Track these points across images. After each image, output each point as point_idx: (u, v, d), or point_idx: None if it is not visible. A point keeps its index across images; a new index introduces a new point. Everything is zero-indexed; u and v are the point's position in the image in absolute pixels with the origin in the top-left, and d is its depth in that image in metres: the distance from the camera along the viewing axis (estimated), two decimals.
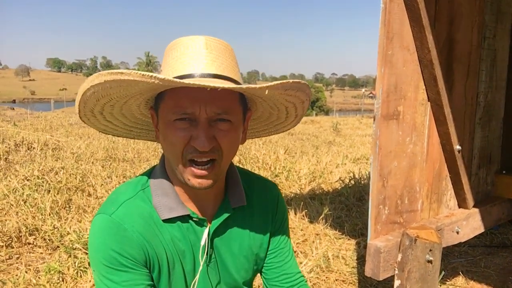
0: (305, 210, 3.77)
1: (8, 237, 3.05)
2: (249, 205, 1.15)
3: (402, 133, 1.87)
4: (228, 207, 1.10)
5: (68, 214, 3.58)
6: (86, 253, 2.82)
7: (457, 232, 2.14)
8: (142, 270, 1.00)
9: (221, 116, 0.94)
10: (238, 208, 1.12)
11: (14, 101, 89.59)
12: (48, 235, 3.13)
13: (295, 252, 3.03)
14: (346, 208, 4.08)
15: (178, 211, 1.03)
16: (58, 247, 3.00)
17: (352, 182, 4.85)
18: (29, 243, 3.07)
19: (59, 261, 2.73)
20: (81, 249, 2.84)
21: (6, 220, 3.23)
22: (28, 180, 4.24)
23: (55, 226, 3.25)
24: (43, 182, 4.17)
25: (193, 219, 1.05)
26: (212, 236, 1.08)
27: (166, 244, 1.03)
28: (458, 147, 2.09)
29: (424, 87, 1.95)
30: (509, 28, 2.49)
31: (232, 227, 1.12)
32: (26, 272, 2.62)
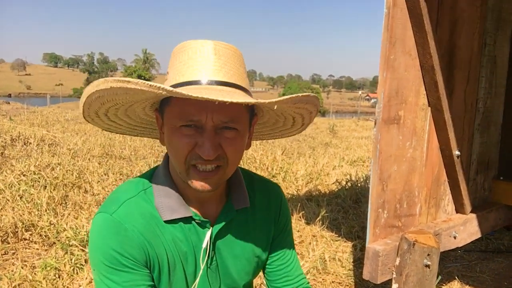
0: (302, 212, 3.78)
1: (4, 233, 3.04)
2: (252, 207, 1.15)
3: (403, 138, 1.88)
4: (231, 209, 1.09)
5: (65, 211, 3.57)
6: (83, 250, 2.81)
7: (454, 237, 2.16)
8: (143, 271, 1.00)
9: (228, 124, 0.93)
10: (241, 210, 1.12)
11: (10, 95, 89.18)
12: (45, 231, 3.12)
13: None
14: (343, 210, 4.09)
15: (181, 213, 1.02)
16: (55, 244, 2.99)
17: (349, 185, 4.87)
18: (25, 239, 3.06)
19: (56, 258, 2.72)
20: (78, 246, 2.84)
21: (2, 216, 3.22)
22: (25, 176, 4.23)
23: (52, 222, 3.24)
24: (40, 178, 4.16)
25: (196, 221, 1.05)
26: (215, 238, 1.07)
27: (167, 245, 1.02)
28: (457, 153, 2.11)
29: (425, 92, 1.97)
30: (509, 35, 2.51)
31: (235, 229, 1.11)
32: (22, 268, 2.61)
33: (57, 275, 2.56)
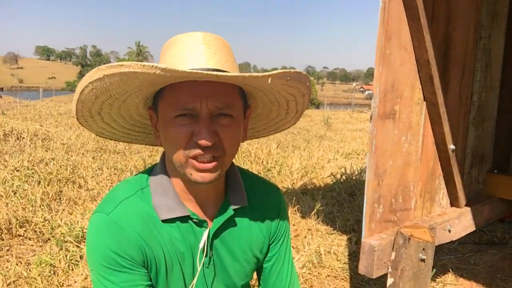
0: (297, 205, 3.78)
1: None
2: (250, 207, 1.14)
3: (398, 132, 1.88)
4: (229, 208, 1.08)
5: (59, 206, 3.55)
6: (78, 246, 2.80)
7: (449, 231, 2.17)
8: (141, 271, 1.00)
9: (223, 111, 0.93)
10: (239, 209, 1.11)
11: (2, 89, 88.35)
12: (39, 227, 3.11)
13: None
14: (338, 204, 4.10)
15: (178, 212, 1.02)
16: (49, 240, 2.98)
17: (344, 178, 4.88)
18: (20, 235, 3.04)
19: (50, 254, 2.71)
20: (73, 242, 2.83)
21: None
22: (18, 171, 4.20)
23: (46, 218, 3.23)
24: (33, 173, 4.13)
25: (193, 220, 1.04)
26: (212, 238, 1.07)
27: (165, 245, 1.02)
28: (452, 147, 2.11)
29: (420, 87, 1.96)
30: (504, 29, 2.50)
31: (233, 229, 1.10)
32: (17, 265, 2.60)
33: (52, 272, 2.55)
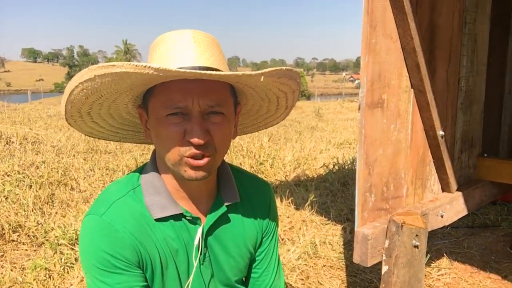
0: (291, 197, 3.79)
1: None
2: (242, 203, 1.14)
3: (387, 121, 1.89)
4: (221, 204, 1.08)
5: (52, 209, 3.53)
6: (72, 249, 2.79)
7: (442, 216, 2.18)
8: (136, 271, 0.99)
9: (214, 109, 0.93)
10: (232, 206, 1.11)
11: None
12: (32, 232, 3.09)
13: (282, 240, 3.06)
14: (331, 194, 4.11)
15: (171, 210, 1.01)
16: (43, 243, 2.96)
17: (336, 168, 4.90)
18: (13, 240, 3.02)
19: (45, 258, 2.69)
20: (67, 245, 2.81)
21: None
22: (9, 176, 4.16)
23: (39, 222, 3.21)
24: (24, 177, 4.10)
25: (186, 218, 1.04)
26: (206, 235, 1.07)
27: (159, 244, 1.01)
28: (441, 133, 2.12)
29: (407, 74, 1.97)
30: (489, 13, 2.51)
31: (226, 225, 1.10)
32: (12, 270, 2.58)
33: (48, 276, 2.53)
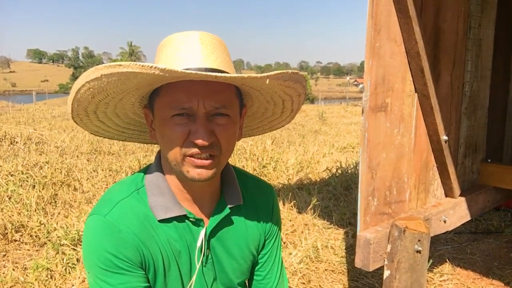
0: (294, 201, 3.79)
1: None
2: (245, 205, 1.14)
3: (390, 125, 1.88)
4: (225, 206, 1.08)
5: (54, 210, 3.54)
6: (74, 249, 2.79)
7: (444, 221, 2.17)
8: (138, 272, 0.99)
9: (220, 111, 0.93)
10: (235, 208, 1.11)
11: None
12: (35, 232, 3.09)
13: (284, 244, 3.05)
14: (334, 198, 4.10)
15: (175, 211, 1.01)
16: (45, 244, 2.97)
17: (339, 172, 4.89)
18: (16, 240, 3.03)
19: (47, 258, 2.70)
20: (69, 245, 2.81)
21: None
22: (12, 176, 4.17)
23: (42, 222, 3.21)
24: (28, 178, 4.11)
25: (190, 219, 1.04)
26: (209, 236, 1.06)
27: (162, 245, 1.01)
28: (445, 137, 2.11)
29: (411, 78, 1.96)
30: (494, 18, 2.50)
31: (229, 227, 1.10)
32: (14, 270, 2.59)
33: (49, 276, 2.54)
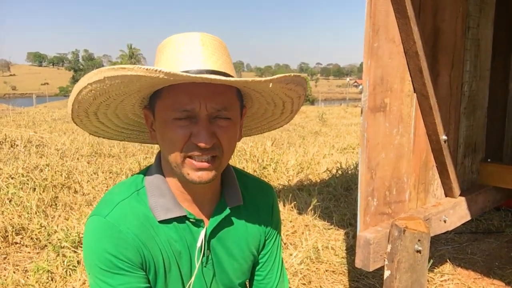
0: (294, 202, 3.79)
1: None
2: (245, 206, 1.14)
3: (389, 125, 1.88)
4: (225, 207, 1.08)
5: (55, 212, 3.54)
6: (75, 252, 2.79)
7: (444, 221, 2.17)
8: (139, 273, 0.99)
9: (221, 113, 0.94)
10: (235, 208, 1.11)
11: None
12: (35, 234, 3.10)
13: (285, 244, 3.05)
14: (334, 199, 4.11)
15: (175, 212, 1.01)
16: (46, 246, 2.97)
17: (340, 173, 4.89)
18: (16, 243, 3.03)
19: (48, 260, 2.70)
20: (70, 248, 2.82)
21: None
22: (13, 178, 4.18)
23: (42, 225, 3.22)
24: (28, 180, 4.12)
25: (190, 220, 1.04)
26: (209, 237, 1.07)
27: (162, 246, 1.01)
28: (444, 137, 2.11)
29: (410, 79, 1.96)
30: (492, 18, 2.51)
31: (229, 227, 1.10)
32: (14, 273, 2.59)
33: (50, 278, 2.54)
